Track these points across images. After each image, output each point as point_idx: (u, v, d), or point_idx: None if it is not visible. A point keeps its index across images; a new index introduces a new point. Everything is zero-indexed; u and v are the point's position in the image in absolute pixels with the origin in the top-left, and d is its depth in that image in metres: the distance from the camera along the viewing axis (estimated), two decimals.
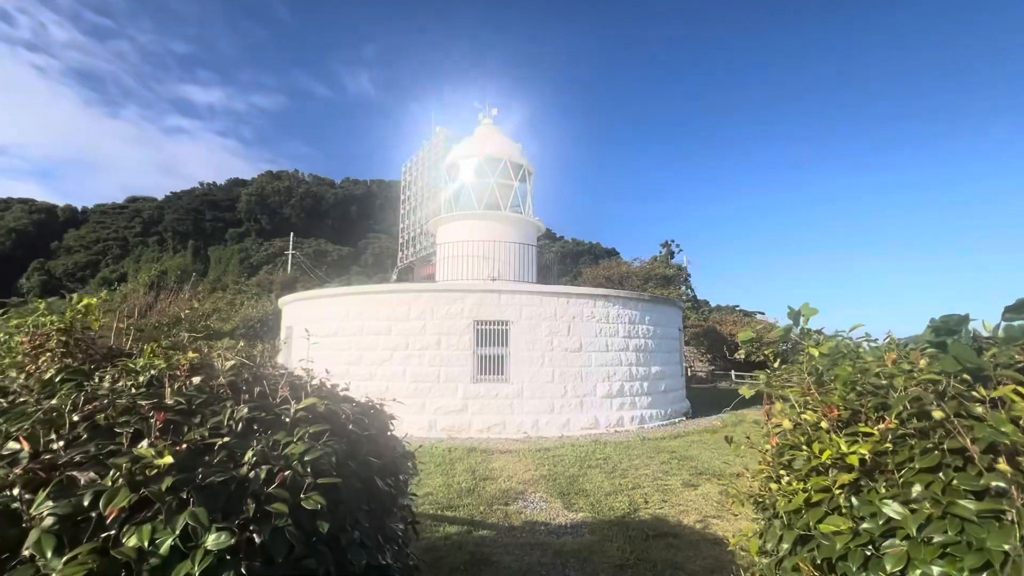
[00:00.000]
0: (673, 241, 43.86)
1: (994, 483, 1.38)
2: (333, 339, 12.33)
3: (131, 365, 2.14)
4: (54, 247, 76.24)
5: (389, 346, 11.60)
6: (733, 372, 27.36)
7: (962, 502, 1.40)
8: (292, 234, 58.00)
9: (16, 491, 1.41)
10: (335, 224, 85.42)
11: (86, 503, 1.34)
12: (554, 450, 9.36)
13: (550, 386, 11.50)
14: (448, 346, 11.41)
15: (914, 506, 1.49)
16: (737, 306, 55.03)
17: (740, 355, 2.65)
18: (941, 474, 1.51)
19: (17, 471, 1.45)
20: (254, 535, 1.40)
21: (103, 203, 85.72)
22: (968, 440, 1.47)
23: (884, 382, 1.85)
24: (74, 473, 1.46)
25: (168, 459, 1.44)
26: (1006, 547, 1.27)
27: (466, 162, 17.53)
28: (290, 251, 53.09)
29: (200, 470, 1.48)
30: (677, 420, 13.39)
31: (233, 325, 35.01)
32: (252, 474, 1.53)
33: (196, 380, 1.95)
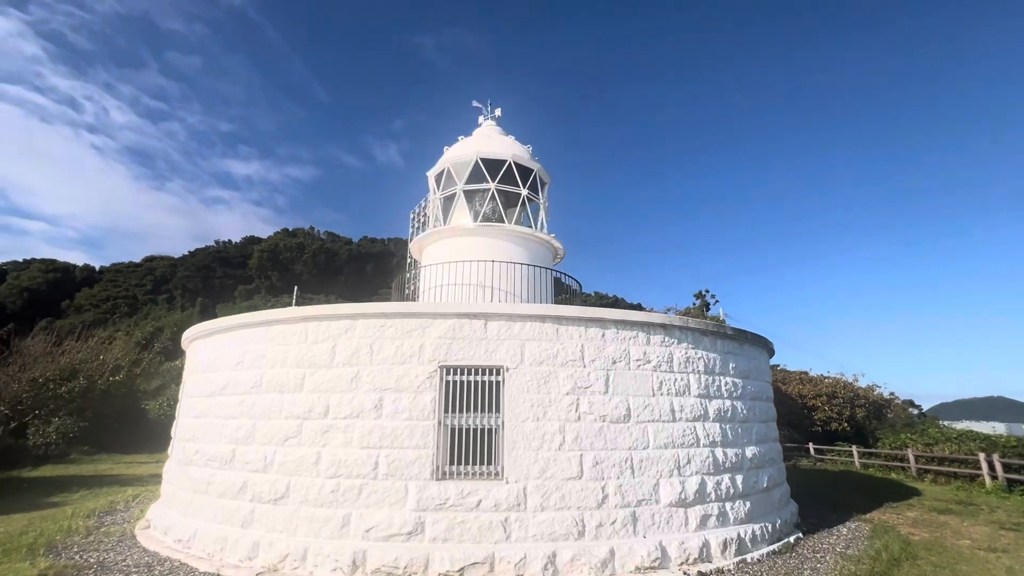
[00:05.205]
0: (707, 291, 38.50)
1: None
2: (220, 399, 7.58)
3: None
4: (65, 306, 74.97)
5: (298, 411, 6.77)
6: (811, 445, 21.25)
7: None
8: (296, 288, 54.99)
9: None
10: (349, 281, 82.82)
11: None
12: None
13: (576, 486, 6.39)
14: (395, 411, 6.52)
15: None
16: (779, 365, 48.41)
17: None
18: None
19: None
20: None
21: (119, 262, 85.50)
22: None
23: None
24: None
25: None
26: None
27: (459, 165, 13.41)
28: (293, 305, 49.77)
29: None
30: (792, 539, 7.93)
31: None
32: None
33: None
